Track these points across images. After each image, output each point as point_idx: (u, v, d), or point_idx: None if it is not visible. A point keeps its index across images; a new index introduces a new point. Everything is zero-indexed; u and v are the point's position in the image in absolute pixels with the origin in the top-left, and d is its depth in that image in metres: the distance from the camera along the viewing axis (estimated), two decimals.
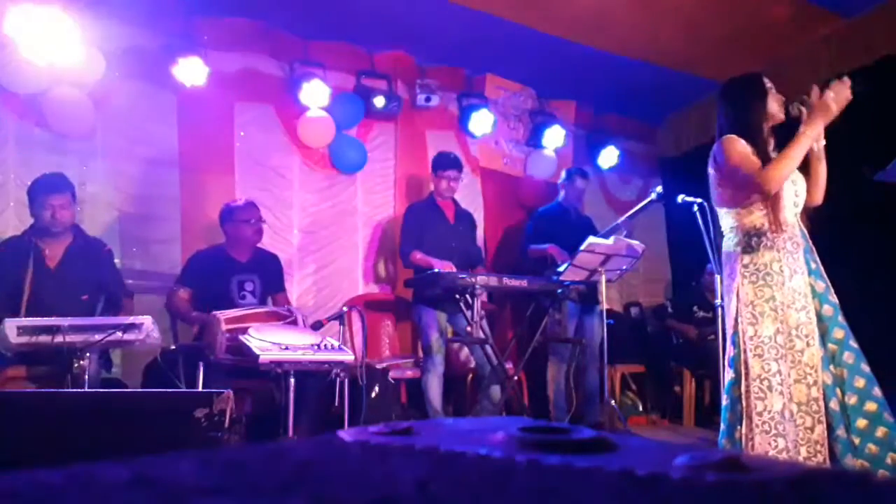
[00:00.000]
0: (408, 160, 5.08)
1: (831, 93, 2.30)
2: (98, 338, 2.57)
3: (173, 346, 3.30)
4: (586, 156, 5.75)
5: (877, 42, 4.36)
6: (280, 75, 4.65)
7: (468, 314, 3.38)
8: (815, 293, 2.37)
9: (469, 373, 4.43)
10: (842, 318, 2.36)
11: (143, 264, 4.08)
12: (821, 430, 2.27)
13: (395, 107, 4.83)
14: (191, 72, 4.04)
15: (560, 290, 3.68)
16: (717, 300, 3.36)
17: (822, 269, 2.43)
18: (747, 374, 2.32)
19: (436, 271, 3.49)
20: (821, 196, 2.54)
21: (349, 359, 2.88)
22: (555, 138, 5.43)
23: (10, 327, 2.49)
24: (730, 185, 2.44)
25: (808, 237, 2.46)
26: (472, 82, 5.34)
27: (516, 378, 3.93)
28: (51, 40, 3.58)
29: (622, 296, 6.01)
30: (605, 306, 3.97)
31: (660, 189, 4.28)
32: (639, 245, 4.05)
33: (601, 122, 5.93)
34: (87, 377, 2.58)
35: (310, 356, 2.75)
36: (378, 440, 0.51)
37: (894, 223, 3.96)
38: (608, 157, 5.75)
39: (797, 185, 2.45)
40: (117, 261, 3.54)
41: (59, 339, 2.50)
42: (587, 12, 4.36)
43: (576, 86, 5.52)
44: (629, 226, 4.55)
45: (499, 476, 0.41)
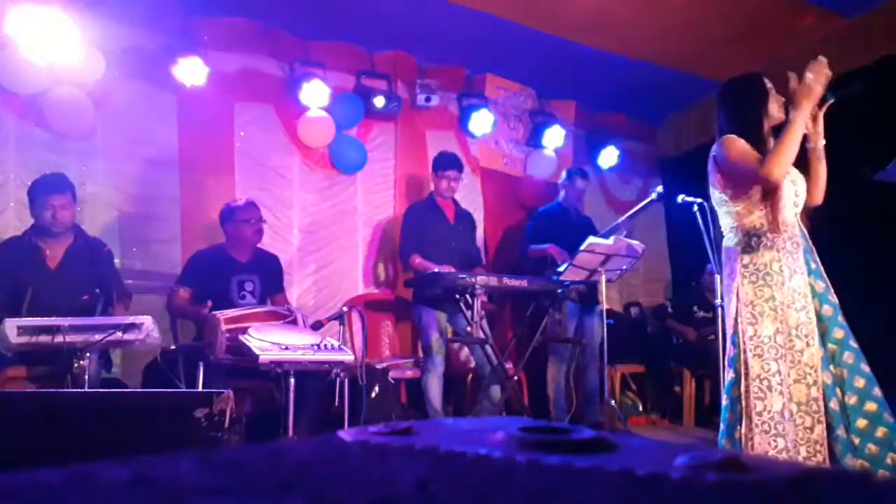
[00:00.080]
0: (408, 160, 5.08)
1: (810, 74, 2.30)
2: (98, 338, 2.57)
3: (173, 346, 3.31)
4: (586, 156, 5.75)
5: (877, 42, 4.36)
6: (280, 75, 4.65)
7: (468, 314, 3.38)
8: (814, 293, 2.37)
9: (469, 373, 4.43)
10: (842, 318, 2.36)
11: (143, 264, 4.07)
12: (820, 430, 2.27)
13: (395, 107, 4.82)
14: (191, 72, 4.04)
15: (560, 290, 3.68)
16: (717, 300, 3.36)
17: (821, 269, 2.43)
18: (747, 374, 2.32)
19: (436, 271, 3.49)
20: (821, 196, 2.53)
21: (349, 359, 2.88)
22: (555, 138, 5.43)
23: (10, 327, 2.49)
24: (730, 183, 2.44)
25: (808, 237, 2.45)
26: (472, 82, 5.33)
27: (516, 378, 3.93)
28: (51, 40, 3.58)
29: (622, 296, 6.01)
30: (605, 306, 3.97)
31: (660, 189, 4.28)
32: (639, 245, 4.05)
33: (601, 122, 5.93)
34: (87, 377, 2.58)
35: (310, 356, 2.75)
36: (378, 440, 0.51)
37: (894, 223, 3.96)
38: (608, 157, 5.75)
39: (797, 185, 2.44)
40: (117, 261, 3.54)
41: (59, 339, 2.50)
42: (587, 12, 4.36)
43: (576, 86, 5.52)
44: (629, 226, 4.55)
45: (499, 476, 0.41)
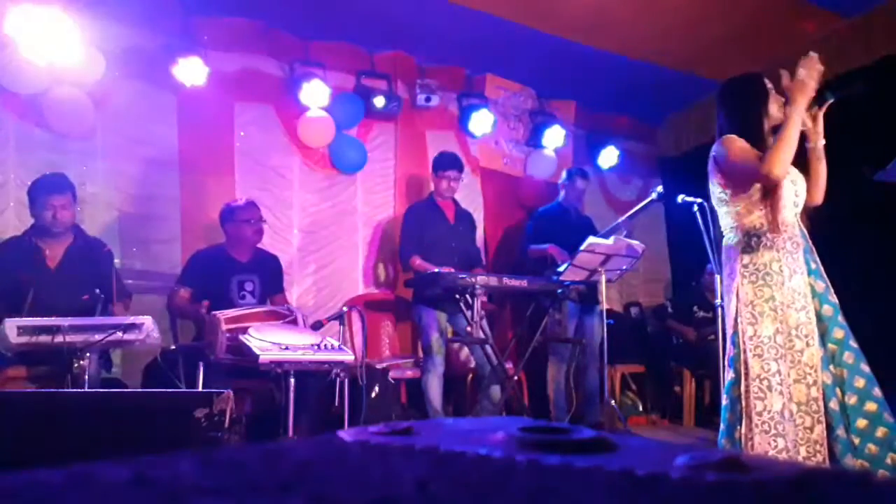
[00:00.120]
0: (408, 160, 5.08)
1: (802, 70, 2.31)
2: (98, 338, 2.57)
3: (173, 346, 3.30)
4: (586, 156, 5.75)
5: (877, 42, 4.36)
6: (280, 75, 4.65)
7: (468, 314, 3.38)
8: (814, 293, 2.37)
9: (469, 373, 4.43)
10: (842, 318, 2.36)
11: (143, 264, 4.07)
12: (820, 429, 2.27)
13: (395, 107, 4.82)
14: (191, 72, 4.04)
15: (560, 290, 3.68)
16: (717, 300, 3.36)
17: (821, 269, 2.43)
18: (747, 374, 2.32)
19: (436, 271, 3.49)
20: (821, 196, 2.53)
21: (349, 359, 2.88)
22: (555, 138, 5.43)
23: (10, 327, 2.49)
24: (730, 183, 2.44)
25: (807, 237, 2.45)
26: (472, 82, 5.33)
27: (516, 378, 3.93)
28: (51, 40, 3.58)
29: (622, 296, 6.00)
30: (605, 306, 3.97)
31: (660, 189, 4.27)
32: (639, 245, 4.05)
33: (601, 122, 5.93)
34: (87, 377, 2.58)
35: (310, 356, 2.75)
36: (378, 440, 0.51)
37: (894, 223, 3.96)
38: (608, 157, 5.75)
39: (797, 185, 2.44)
40: (117, 261, 3.54)
41: (59, 339, 2.50)
42: (587, 12, 4.36)
43: (576, 86, 5.52)
44: (629, 226, 4.55)
45: (499, 476, 0.41)
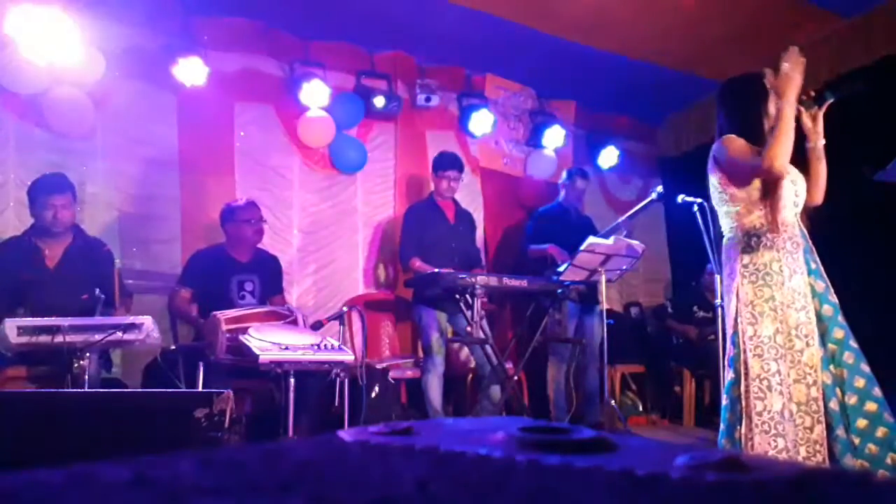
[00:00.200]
0: (408, 160, 5.08)
1: (786, 64, 2.32)
2: (98, 338, 2.57)
3: (173, 346, 3.31)
4: (586, 156, 5.75)
5: (877, 42, 4.36)
6: (280, 75, 4.65)
7: (468, 314, 3.38)
8: (814, 293, 2.37)
9: (469, 373, 4.43)
10: (842, 317, 2.36)
11: (143, 264, 4.07)
12: (820, 429, 2.27)
13: (395, 107, 4.82)
14: (191, 72, 4.04)
15: (560, 290, 3.68)
16: (717, 300, 3.36)
17: (821, 268, 2.43)
18: (747, 374, 2.32)
19: (436, 271, 3.49)
20: (821, 196, 2.53)
21: (349, 359, 2.88)
22: (555, 138, 5.43)
23: (10, 327, 2.49)
24: (731, 182, 2.44)
25: (807, 237, 2.45)
26: (472, 82, 5.33)
27: (516, 378, 3.93)
28: (51, 40, 3.58)
29: (622, 296, 6.00)
30: (605, 306, 3.97)
31: (660, 189, 4.27)
32: (639, 245, 4.05)
33: (601, 122, 5.93)
34: (87, 377, 2.58)
35: (310, 356, 2.75)
36: (378, 440, 0.51)
37: (894, 223, 3.96)
38: (608, 157, 5.75)
39: (797, 185, 2.44)
40: (117, 261, 3.54)
41: (59, 339, 2.50)
42: (587, 12, 4.36)
43: (576, 86, 5.52)
44: (629, 226, 4.55)
45: (499, 476, 0.41)
